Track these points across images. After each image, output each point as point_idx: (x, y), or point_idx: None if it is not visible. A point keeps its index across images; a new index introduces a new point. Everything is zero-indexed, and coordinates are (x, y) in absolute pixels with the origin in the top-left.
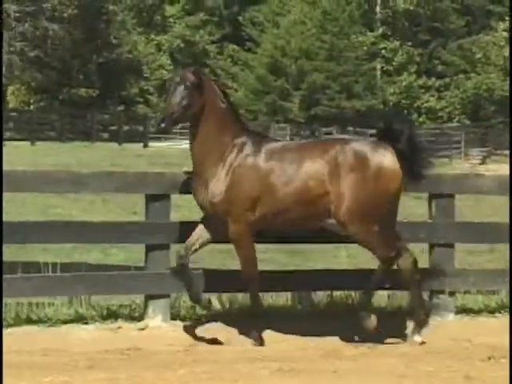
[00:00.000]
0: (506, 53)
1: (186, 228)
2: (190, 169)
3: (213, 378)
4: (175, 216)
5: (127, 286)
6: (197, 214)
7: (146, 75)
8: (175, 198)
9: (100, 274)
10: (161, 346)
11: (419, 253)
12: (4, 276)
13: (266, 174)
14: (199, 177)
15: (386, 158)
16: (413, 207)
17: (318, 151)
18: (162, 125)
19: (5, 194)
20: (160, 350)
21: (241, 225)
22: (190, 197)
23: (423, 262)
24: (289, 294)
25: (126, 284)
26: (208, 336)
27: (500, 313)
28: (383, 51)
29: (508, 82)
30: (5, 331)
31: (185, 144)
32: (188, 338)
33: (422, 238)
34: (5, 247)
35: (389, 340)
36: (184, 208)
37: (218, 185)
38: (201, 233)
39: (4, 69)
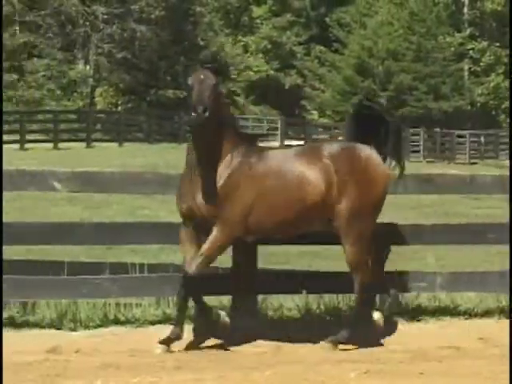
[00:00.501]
0: None
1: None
2: None
3: (298, 379)
4: None
5: (216, 286)
6: None
7: (233, 76)
8: None
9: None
10: (248, 346)
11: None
12: (92, 277)
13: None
14: (194, 179)
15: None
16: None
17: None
18: (206, 114)
19: (95, 195)
20: (247, 350)
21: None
22: None
23: None
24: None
25: (213, 285)
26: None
27: None
28: (471, 52)
29: (508, 81)
30: (93, 331)
31: (273, 144)
32: (275, 339)
33: None
34: (93, 248)
35: (474, 343)
36: None
37: (213, 188)
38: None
39: (92, 70)
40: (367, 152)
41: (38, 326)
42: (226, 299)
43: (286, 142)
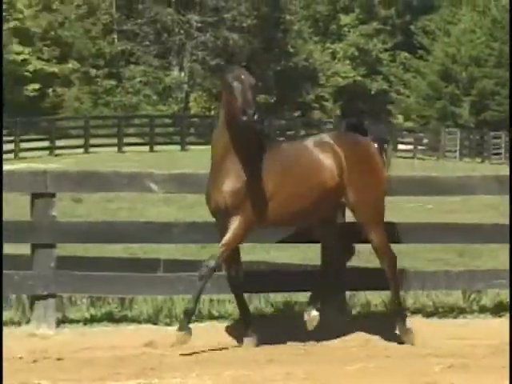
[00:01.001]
0: None
1: (352, 228)
2: None
3: (385, 372)
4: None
5: (307, 283)
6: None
7: (321, 82)
8: None
9: (280, 271)
10: (336, 341)
11: None
12: (187, 274)
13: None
14: (218, 176)
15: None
16: None
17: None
18: (256, 117)
19: (188, 196)
20: (335, 345)
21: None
22: None
23: None
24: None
25: (303, 281)
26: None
27: None
28: None
29: (509, 81)
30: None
31: None
32: (362, 334)
33: None
34: (188, 246)
35: None
36: None
37: (236, 180)
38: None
39: (186, 77)
40: (367, 140)
41: (135, 321)
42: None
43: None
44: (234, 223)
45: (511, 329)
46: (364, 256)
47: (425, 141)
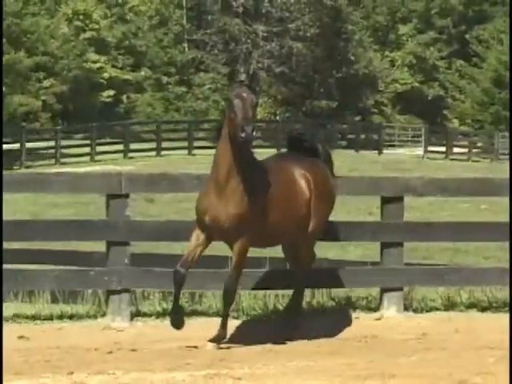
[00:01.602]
0: None
1: (418, 227)
2: (419, 173)
3: (441, 364)
4: (407, 216)
5: (364, 280)
6: (428, 215)
7: (380, 88)
8: (408, 200)
9: (340, 268)
10: (395, 334)
11: None
12: (254, 270)
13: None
14: (220, 192)
15: None
16: None
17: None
18: (254, 133)
19: None
20: (394, 338)
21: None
22: (423, 199)
23: None
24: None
25: (363, 278)
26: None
27: None
28: None
29: (508, 82)
30: (255, 320)
31: (418, 151)
32: (419, 327)
33: None
34: None
35: None
36: (416, 209)
37: (242, 205)
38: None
39: (253, 83)
40: (323, 166)
41: (204, 314)
42: (375, 291)
43: (430, 148)
44: (239, 246)
45: (511, 327)
46: (421, 252)
47: (479, 144)
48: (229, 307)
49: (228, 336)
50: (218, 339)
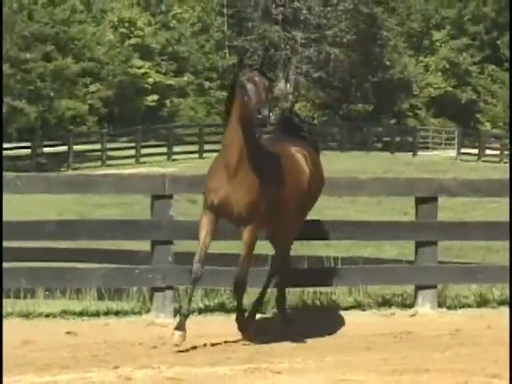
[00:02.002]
0: None
1: (452, 227)
2: (453, 175)
3: (474, 359)
4: (441, 216)
5: (400, 278)
6: (461, 214)
7: (415, 92)
8: (442, 200)
9: (376, 266)
10: (429, 330)
11: None
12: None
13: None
14: (230, 175)
15: None
16: None
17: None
18: (272, 116)
19: None
20: (428, 334)
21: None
22: (456, 200)
23: None
24: None
25: (398, 276)
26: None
27: None
28: None
29: (508, 82)
30: (292, 316)
31: (451, 153)
32: (453, 324)
33: None
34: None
35: None
36: (449, 209)
37: (253, 192)
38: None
39: (292, 88)
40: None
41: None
42: (410, 288)
43: (463, 150)
44: (248, 234)
45: (511, 324)
46: (454, 251)
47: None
48: (241, 299)
49: (267, 331)
50: (248, 335)
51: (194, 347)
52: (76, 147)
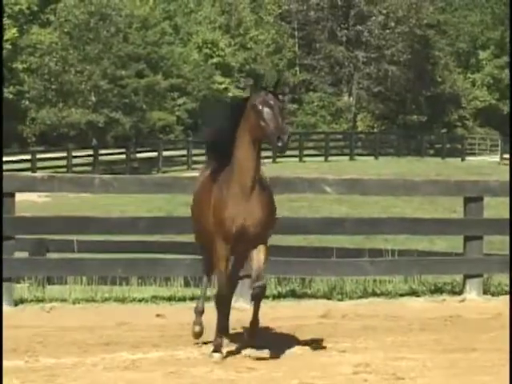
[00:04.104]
0: None
1: (497, 224)
2: (496, 178)
3: None
4: (487, 214)
5: (450, 268)
6: (503, 212)
7: (463, 105)
8: (487, 200)
9: (429, 258)
10: (475, 314)
11: None
12: (355, 259)
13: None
14: (247, 198)
15: None
16: None
17: None
18: (290, 141)
19: (357, 197)
20: (475, 317)
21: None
22: (498, 199)
23: None
24: None
25: (449, 266)
26: None
27: None
28: None
29: (509, 83)
30: (356, 301)
31: (495, 158)
32: (496, 309)
33: None
34: (355, 238)
35: None
36: (493, 208)
37: (267, 213)
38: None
39: (354, 101)
40: None
41: (313, 297)
42: (459, 277)
43: (505, 156)
44: (267, 250)
45: (511, 319)
46: (497, 245)
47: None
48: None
49: (333, 315)
50: (252, 333)
51: (269, 329)
52: (165, 153)
